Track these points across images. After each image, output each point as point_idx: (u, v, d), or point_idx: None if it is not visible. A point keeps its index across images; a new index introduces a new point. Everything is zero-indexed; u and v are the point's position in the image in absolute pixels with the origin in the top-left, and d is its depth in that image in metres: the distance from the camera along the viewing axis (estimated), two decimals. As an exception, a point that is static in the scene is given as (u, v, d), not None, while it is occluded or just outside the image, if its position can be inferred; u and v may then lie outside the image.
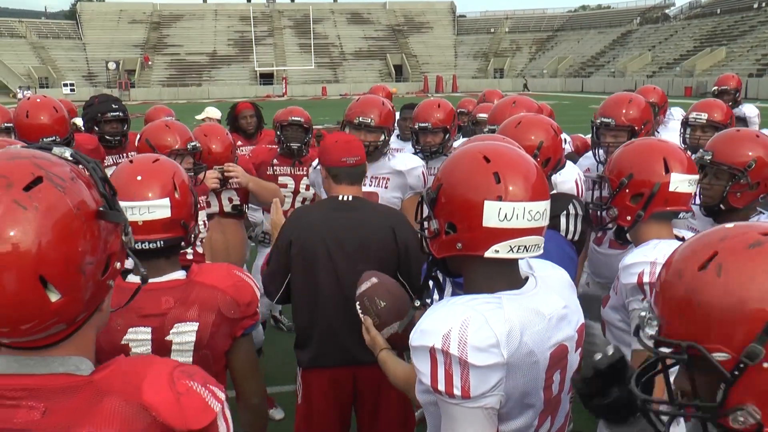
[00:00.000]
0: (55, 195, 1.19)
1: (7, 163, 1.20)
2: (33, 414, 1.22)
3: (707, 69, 53.09)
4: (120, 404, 1.26)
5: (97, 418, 1.24)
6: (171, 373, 1.35)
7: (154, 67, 74.48)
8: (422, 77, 70.45)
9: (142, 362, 1.38)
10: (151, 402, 1.28)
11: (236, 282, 2.39)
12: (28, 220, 1.15)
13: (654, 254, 2.39)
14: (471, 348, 1.58)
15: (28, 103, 4.65)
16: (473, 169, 1.75)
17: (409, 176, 4.26)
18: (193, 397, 1.34)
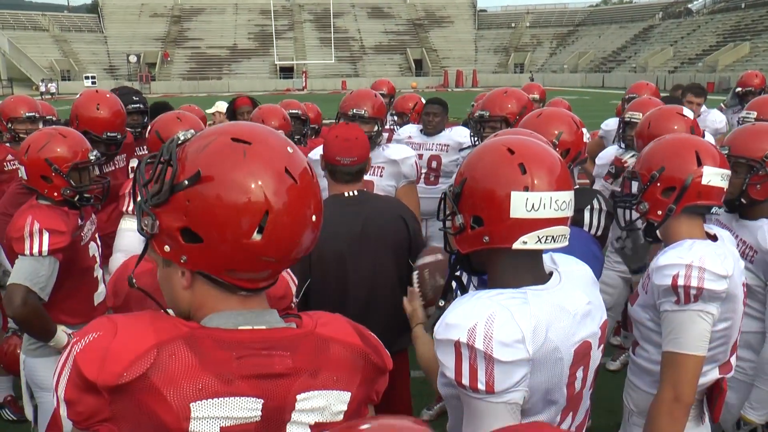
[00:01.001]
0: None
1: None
2: (286, 361, 1.37)
3: (730, 64, 52.53)
4: (342, 350, 1.45)
5: (331, 362, 1.42)
6: (355, 324, 1.56)
7: (174, 61, 74.81)
8: (442, 72, 70.31)
9: (332, 316, 1.55)
10: (366, 347, 1.50)
11: None
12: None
13: (690, 257, 2.35)
14: (497, 343, 1.58)
15: (96, 96, 4.64)
16: (498, 161, 1.75)
17: (403, 165, 4.42)
18: (378, 342, 1.57)
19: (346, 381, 1.44)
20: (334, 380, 1.42)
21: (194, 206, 1.30)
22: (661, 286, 2.40)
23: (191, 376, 1.28)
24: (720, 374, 2.53)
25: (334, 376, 1.42)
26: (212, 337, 1.34)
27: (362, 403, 1.49)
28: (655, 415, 2.40)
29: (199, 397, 1.28)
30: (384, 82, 7.95)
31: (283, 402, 1.36)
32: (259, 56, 77.20)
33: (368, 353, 1.49)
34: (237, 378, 1.32)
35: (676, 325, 2.37)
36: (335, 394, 1.42)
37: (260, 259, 1.34)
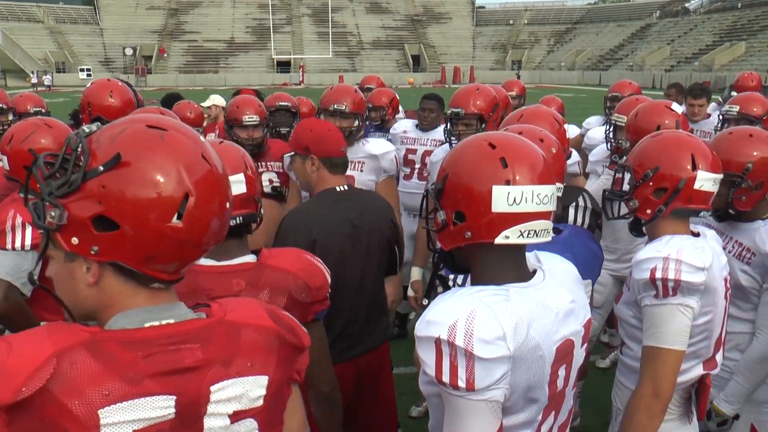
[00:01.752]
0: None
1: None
2: (196, 353, 1.36)
3: (726, 64, 52.62)
4: (255, 334, 1.45)
5: (244, 348, 1.42)
6: (267, 305, 1.57)
7: (171, 54, 74.64)
8: (440, 68, 70.25)
9: (242, 301, 1.56)
10: (279, 328, 1.50)
11: (307, 265, 2.37)
12: None
13: (666, 250, 2.36)
14: (477, 340, 1.56)
15: (109, 84, 4.67)
16: (479, 155, 1.74)
17: (382, 160, 4.47)
18: (293, 321, 1.58)
19: (262, 365, 1.44)
20: (249, 366, 1.42)
21: (110, 192, 1.27)
22: (640, 281, 2.40)
23: (95, 382, 1.24)
24: (704, 370, 2.53)
25: (248, 362, 1.42)
26: (116, 339, 1.31)
27: (282, 384, 1.50)
28: (633, 409, 2.39)
29: (107, 403, 1.24)
30: (373, 78, 7.98)
31: (197, 396, 1.35)
32: (256, 50, 77.06)
33: (282, 333, 1.50)
34: (145, 378, 1.29)
35: (656, 320, 2.37)
36: (252, 380, 1.42)
37: (180, 244, 1.33)
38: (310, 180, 3.31)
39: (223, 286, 2.25)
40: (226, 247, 2.30)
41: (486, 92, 4.43)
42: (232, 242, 2.32)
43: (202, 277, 2.25)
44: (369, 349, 3.36)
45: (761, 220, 2.99)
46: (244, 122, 4.71)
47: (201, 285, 2.23)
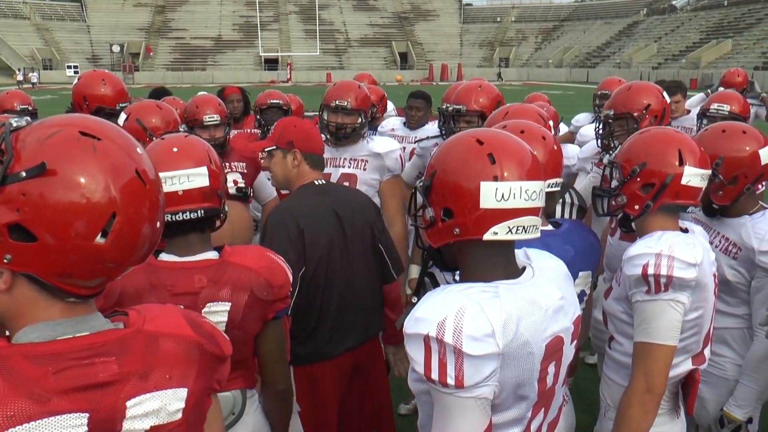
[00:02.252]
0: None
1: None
2: (111, 367, 1.29)
3: (713, 61, 52.91)
4: (174, 344, 1.39)
5: (162, 360, 1.36)
6: (188, 312, 1.52)
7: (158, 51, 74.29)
8: (427, 65, 70.28)
9: (161, 308, 1.48)
10: (198, 337, 1.44)
11: (269, 263, 2.38)
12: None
13: (659, 246, 2.36)
14: (466, 337, 1.55)
15: (98, 74, 4.71)
16: (467, 152, 1.73)
17: (386, 158, 4.35)
18: (216, 329, 1.53)
19: (181, 377, 1.38)
20: (167, 378, 1.35)
21: (31, 201, 1.17)
22: (631, 276, 2.40)
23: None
24: (693, 365, 2.54)
25: (167, 374, 1.35)
26: (22, 354, 1.22)
27: (202, 395, 1.44)
28: (626, 405, 2.39)
29: (11, 425, 1.16)
30: (365, 75, 7.90)
31: (112, 412, 1.27)
32: (243, 47, 76.85)
33: (202, 343, 1.44)
34: (54, 395, 1.21)
35: (647, 315, 2.37)
36: (170, 393, 1.35)
37: (101, 263, 1.25)
38: (290, 175, 3.28)
39: (185, 283, 2.25)
40: (188, 241, 2.32)
41: (489, 90, 4.36)
42: (194, 237, 2.33)
43: (164, 273, 2.26)
44: (364, 341, 3.36)
45: (748, 215, 3.01)
46: (205, 122, 4.53)
47: (162, 281, 2.24)
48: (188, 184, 2.31)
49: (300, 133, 3.28)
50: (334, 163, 4.34)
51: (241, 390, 2.44)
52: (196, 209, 2.30)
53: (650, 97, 3.79)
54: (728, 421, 3.06)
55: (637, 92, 3.84)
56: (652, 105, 3.75)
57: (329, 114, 4.27)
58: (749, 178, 2.94)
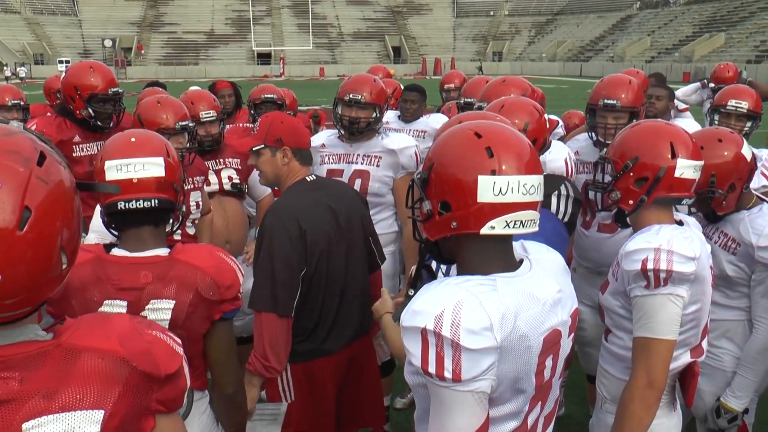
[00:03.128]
0: (60, 170, 1.25)
1: (9, 138, 1.21)
2: (11, 384, 1.20)
3: (706, 55, 52.98)
4: (96, 360, 1.28)
5: (77, 377, 1.25)
6: (133, 324, 1.40)
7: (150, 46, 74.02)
8: (420, 59, 70.17)
9: (100, 318, 1.39)
10: (127, 353, 1.32)
11: (218, 263, 2.34)
12: (47, 194, 1.20)
13: (658, 240, 2.36)
14: (464, 330, 1.54)
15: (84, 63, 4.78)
16: (465, 145, 1.72)
17: (401, 155, 4.23)
18: (160, 344, 1.40)
19: (96, 397, 1.25)
20: (77, 399, 1.23)
21: None
22: (630, 272, 2.39)
23: None
24: (692, 358, 2.54)
25: (77, 394, 1.24)
26: None
27: (130, 419, 1.31)
28: (627, 400, 2.39)
29: None
30: (380, 68, 7.82)
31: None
32: (236, 42, 76.61)
33: (129, 359, 1.31)
34: None
35: (647, 310, 2.37)
36: (80, 415, 1.23)
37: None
38: (280, 173, 3.22)
39: (131, 278, 2.23)
40: (141, 236, 2.30)
41: (517, 83, 4.29)
42: (147, 231, 2.31)
43: (111, 268, 2.24)
44: (360, 336, 3.36)
45: (745, 209, 3.01)
46: (202, 118, 4.51)
47: (109, 275, 2.23)
48: (143, 172, 2.30)
49: (288, 129, 3.23)
50: (347, 159, 4.25)
51: (188, 390, 2.42)
52: (150, 198, 2.29)
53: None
54: (725, 412, 3.07)
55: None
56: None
57: (343, 108, 4.16)
58: (743, 179, 2.96)
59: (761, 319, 3.02)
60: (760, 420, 4.13)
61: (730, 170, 2.92)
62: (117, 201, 2.27)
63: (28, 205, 1.16)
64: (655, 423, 2.44)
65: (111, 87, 4.59)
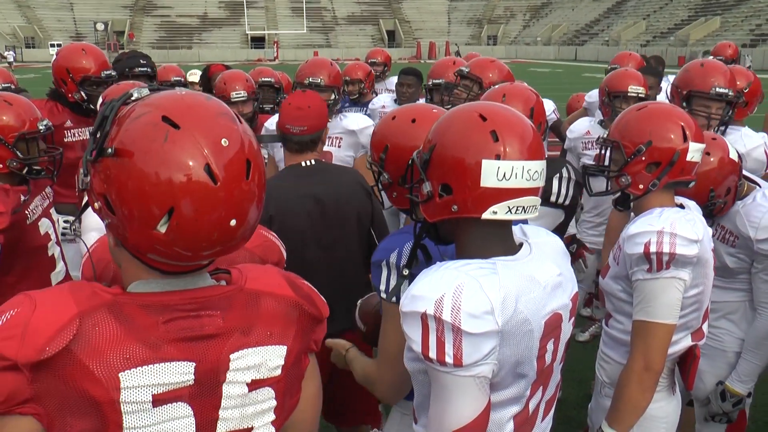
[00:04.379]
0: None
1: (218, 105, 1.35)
2: (216, 320, 1.35)
3: (701, 39, 52.87)
4: (274, 303, 1.44)
5: (264, 317, 1.41)
6: (289, 275, 1.55)
7: (143, 29, 73.56)
8: (415, 43, 69.90)
9: (262, 269, 1.52)
10: (298, 297, 1.49)
11: (264, 241, 2.31)
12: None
13: (660, 223, 2.34)
14: (465, 314, 1.52)
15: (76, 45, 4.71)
16: (469, 128, 1.67)
17: (361, 135, 4.36)
18: (314, 292, 1.57)
19: (281, 335, 1.43)
20: (268, 335, 1.40)
21: (111, 178, 1.24)
22: (633, 255, 2.37)
23: (117, 345, 1.24)
24: (692, 341, 2.52)
25: (267, 331, 1.40)
26: (137, 303, 1.30)
27: (300, 354, 1.49)
28: (624, 383, 2.39)
29: (127, 366, 1.24)
30: (379, 51, 7.90)
31: (216, 363, 1.34)
32: (230, 26, 76.17)
33: (302, 303, 1.48)
34: (165, 343, 1.28)
35: (647, 294, 2.36)
36: (270, 350, 1.41)
37: (169, 248, 1.26)
38: (285, 156, 3.27)
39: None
40: None
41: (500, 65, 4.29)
42: None
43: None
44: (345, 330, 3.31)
45: (740, 200, 2.99)
46: (232, 99, 4.64)
47: None
48: None
49: (284, 111, 3.24)
50: None
51: None
52: None
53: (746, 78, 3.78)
54: (730, 396, 3.07)
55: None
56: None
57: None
58: (737, 177, 2.95)
59: (765, 305, 3.01)
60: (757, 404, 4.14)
61: (725, 175, 2.90)
62: None
63: (248, 158, 1.29)
64: (654, 406, 2.44)
65: (104, 70, 4.54)
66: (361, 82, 6.69)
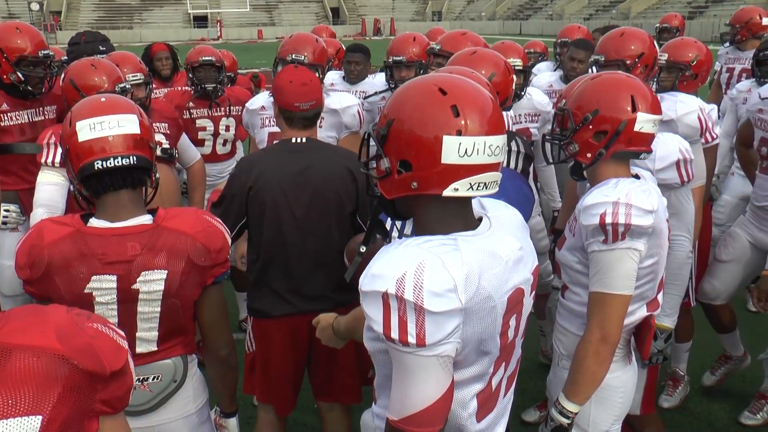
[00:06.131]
0: None
1: None
2: None
3: (642, 11, 53.61)
4: (30, 359, 1.14)
5: (9, 380, 1.11)
6: (71, 317, 1.27)
7: (81, 9, 71.59)
8: (360, 20, 69.44)
9: (32, 312, 1.25)
10: (66, 349, 1.18)
11: (206, 227, 2.29)
12: None
13: (615, 194, 2.34)
14: (427, 293, 1.48)
15: (9, 23, 4.48)
16: (429, 102, 1.61)
17: (344, 115, 4.25)
18: (103, 338, 1.28)
19: (31, 402, 1.11)
20: (10, 404, 1.09)
21: None
22: (589, 226, 2.37)
23: None
24: (648, 312, 2.54)
25: (9, 399, 1.09)
26: None
27: (71, 424, 1.17)
28: (582, 356, 2.39)
29: None
30: (323, 28, 7.75)
31: None
32: (171, 4, 74.50)
33: (71, 358, 1.18)
34: None
35: (603, 265, 2.36)
36: (13, 423, 1.09)
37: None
38: (278, 125, 3.27)
39: (117, 250, 2.16)
40: (119, 201, 2.21)
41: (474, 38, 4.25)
42: (126, 196, 2.22)
43: (95, 241, 2.15)
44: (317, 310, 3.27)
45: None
46: (129, 80, 4.32)
47: (93, 249, 2.14)
48: (118, 129, 2.19)
49: (276, 87, 3.22)
50: None
51: (182, 357, 2.39)
52: (128, 155, 2.19)
53: (642, 44, 3.74)
54: (660, 332, 3.14)
55: (629, 39, 3.76)
56: (645, 53, 3.70)
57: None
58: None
59: (676, 237, 3.15)
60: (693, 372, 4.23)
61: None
62: (94, 161, 2.16)
63: None
64: (610, 376, 2.45)
65: (41, 49, 4.32)
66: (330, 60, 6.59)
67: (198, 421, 2.47)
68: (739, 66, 6.89)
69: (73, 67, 3.79)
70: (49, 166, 3.39)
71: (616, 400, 2.56)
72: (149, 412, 2.35)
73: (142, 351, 2.29)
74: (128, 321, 2.21)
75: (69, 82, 3.68)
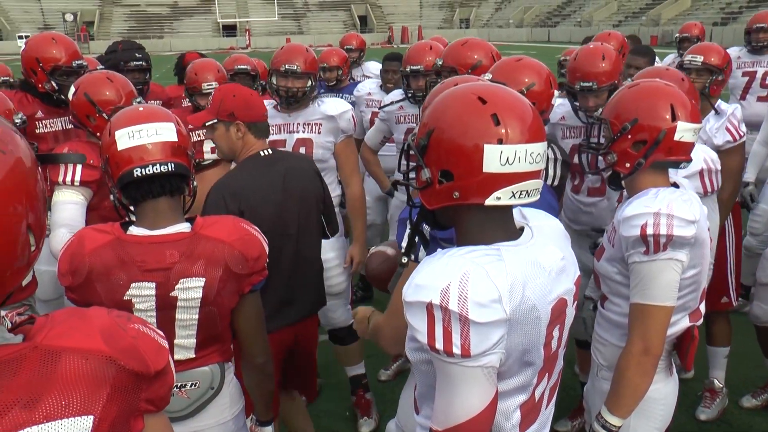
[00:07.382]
0: (17, 138, 1.14)
1: None
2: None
3: (672, 18, 53.16)
4: (79, 361, 1.16)
5: (60, 382, 1.12)
6: (113, 319, 1.28)
7: (113, 19, 72.59)
8: (387, 28, 69.62)
9: (76, 315, 1.26)
10: (112, 351, 1.20)
11: (244, 235, 2.31)
12: (6, 165, 1.07)
13: (656, 205, 2.30)
14: (472, 303, 1.47)
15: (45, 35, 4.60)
16: (469, 111, 1.61)
17: (340, 120, 4.31)
18: (145, 339, 1.29)
19: (83, 402, 1.13)
20: (63, 405, 1.11)
21: None
22: (629, 238, 2.34)
23: None
24: (690, 322, 2.50)
25: (62, 401, 1.11)
26: None
27: (119, 423, 1.20)
28: (624, 367, 2.36)
29: None
30: (353, 36, 7.82)
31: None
32: (200, 14, 75.37)
33: (117, 359, 1.20)
34: None
35: (644, 276, 2.33)
36: (67, 424, 1.11)
37: None
38: (235, 147, 3.19)
39: (156, 258, 2.18)
40: (158, 210, 2.24)
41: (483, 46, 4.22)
42: (164, 203, 2.26)
43: (134, 249, 2.18)
44: (308, 315, 3.41)
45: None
46: (204, 90, 4.56)
47: (132, 257, 2.17)
48: (156, 137, 2.24)
49: (240, 102, 3.14)
50: (288, 129, 4.30)
51: (219, 364, 2.41)
52: (166, 162, 2.23)
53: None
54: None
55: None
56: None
57: (278, 78, 4.21)
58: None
59: None
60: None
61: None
62: (133, 169, 2.21)
63: None
64: (652, 388, 2.42)
65: (75, 59, 4.42)
66: (338, 68, 6.61)
67: (234, 428, 2.49)
68: (761, 69, 6.80)
69: (86, 79, 3.66)
70: (68, 185, 3.30)
71: (657, 412, 2.53)
72: (187, 418, 2.38)
73: (180, 358, 2.31)
74: (166, 328, 2.23)
75: (83, 96, 3.51)
